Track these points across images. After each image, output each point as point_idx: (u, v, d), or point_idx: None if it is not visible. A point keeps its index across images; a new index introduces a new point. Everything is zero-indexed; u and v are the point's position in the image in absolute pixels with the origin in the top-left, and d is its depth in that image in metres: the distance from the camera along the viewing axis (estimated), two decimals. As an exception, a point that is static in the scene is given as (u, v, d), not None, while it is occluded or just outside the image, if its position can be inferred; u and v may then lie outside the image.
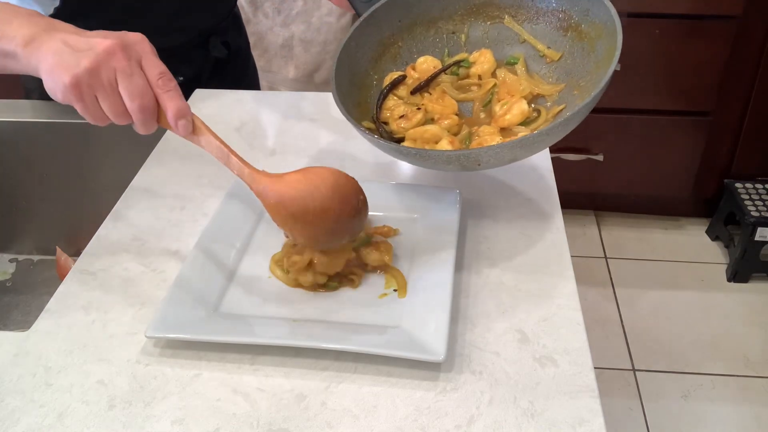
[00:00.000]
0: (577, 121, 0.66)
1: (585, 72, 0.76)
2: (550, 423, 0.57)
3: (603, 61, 0.73)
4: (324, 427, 0.57)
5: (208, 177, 0.90)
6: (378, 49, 0.84)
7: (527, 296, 0.70)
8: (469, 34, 0.85)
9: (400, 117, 0.78)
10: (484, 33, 0.84)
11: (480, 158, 0.67)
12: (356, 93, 0.81)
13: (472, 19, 0.84)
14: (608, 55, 0.71)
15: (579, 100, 0.74)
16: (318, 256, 0.69)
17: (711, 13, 1.82)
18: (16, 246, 1.09)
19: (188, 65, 1.11)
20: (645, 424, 1.63)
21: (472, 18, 0.84)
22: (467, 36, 0.85)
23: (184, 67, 1.10)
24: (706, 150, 2.04)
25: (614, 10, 0.71)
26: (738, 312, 1.92)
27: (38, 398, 0.60)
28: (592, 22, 0.75)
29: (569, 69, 0.78)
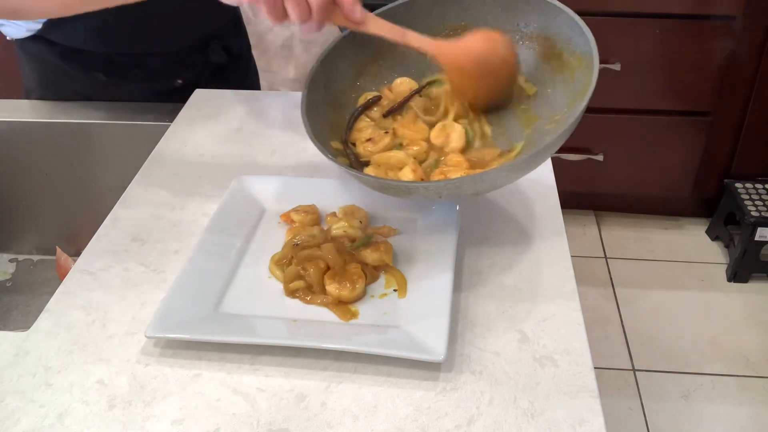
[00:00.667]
0: (545, 156, 0.66)
1: (561, 105, 0.74)
2: (550, 423, 0.57)
3: (578, 93, 0.71)
4: (324, 427, 0.57)
5: (208, 177, 0.90)
6: (357, 67, 0.81)
7: (527, 296, 0.70)
8: None
9: (367, 140, 0.75)
10: None
11: (440, 191, 0.66)
12: (331, 112, 0.78)
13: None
14: (583, 88, 0.70)
15: (549, 136, 0.71)
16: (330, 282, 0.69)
17: (711, 13, 1.82)
18: (16, 246, 1.09)
19: (187, 69, 1.10)
20: (645, 424, 1.63)
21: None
22: None
23: (183, 71, 1.10)
24: (706, 150, 2.04)
25: (593, 40, 0.71)
26: (738, 312, 1.92)
27: (38, 398, 0.60)
28: (574, 51, 0.74)
29: (549, 100, 0.76)
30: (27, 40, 1.01)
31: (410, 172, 0.71)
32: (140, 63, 1.06)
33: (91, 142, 1.03)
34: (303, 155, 0.94)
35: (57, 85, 1.07)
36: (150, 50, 1.05)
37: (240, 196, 0.81)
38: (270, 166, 0.92)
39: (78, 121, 1.02)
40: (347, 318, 0.66)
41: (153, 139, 0.97)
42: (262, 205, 0.82)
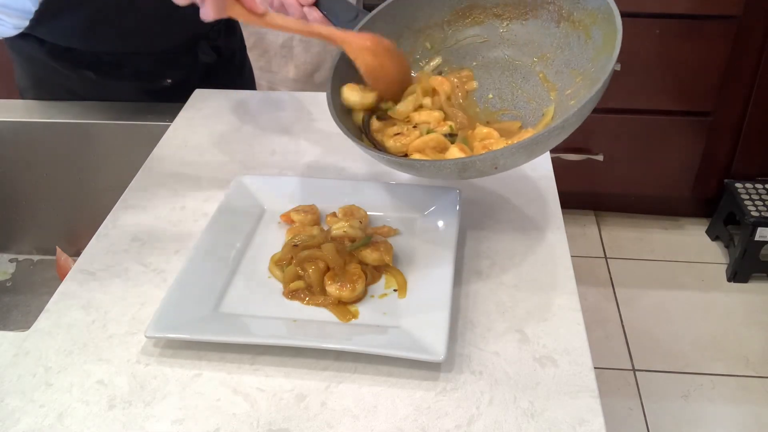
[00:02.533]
0: (589, 108, 0.64)
1: (585, 60, 0.74)
2: (550, 423, 0.57)
3: (603, 47, 0.70)
4: (324, 427, 0.57)
5: (208, 177, 0.90)
6: None
7: (527, 296, 0.70)
8: (455, 40, 0.82)
9: (395, 135, 0.74)
10: (470, 39, 0.82)
11: (497, 161, 0.65)
12: (347, 117, 0.78)
13: (459, 25, 0.82)
14: (608, 41, 0.69)
15: (584, 90, 0.72)
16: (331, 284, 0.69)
17: (711, 13, 1.82)
18: (16, 246, 1.09)
19: (177, 69, 1.10)
20: (645, 424, 1.63)
21: (459, 23, 0.82)
22: (456, 42, 0.82)
23: (172, 70, 1.09)
24: (706, 150, 2.04)
25: None
26: (738, 312, 1.92)
27: (38, 398, 0.60)
28: (584, 8, 0.73)
29: (568, 60, 0.76)
30: (16, 39, 1.00)
31: (458, 151, 0.70)
32: (129, 62, 1.05)
33: (91, 142, 1.03)
34: (303, 155, 0.94)
35: (49, 83, 1.07)
36: (138, 50, 1.05)
37: (240, 196, 0.81)
38: (270, 166, 0.92)
39: (78, 121, 1.02)
40: (347, 318, 0.66)
41: (153, 139, 0.97)
42: (262, 205, 0.82)
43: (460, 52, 0.82)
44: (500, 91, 0.80)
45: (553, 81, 0.78)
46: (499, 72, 0.81)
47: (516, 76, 0.80)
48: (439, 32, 0.82)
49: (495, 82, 0.80)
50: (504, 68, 0.81)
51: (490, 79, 0.81)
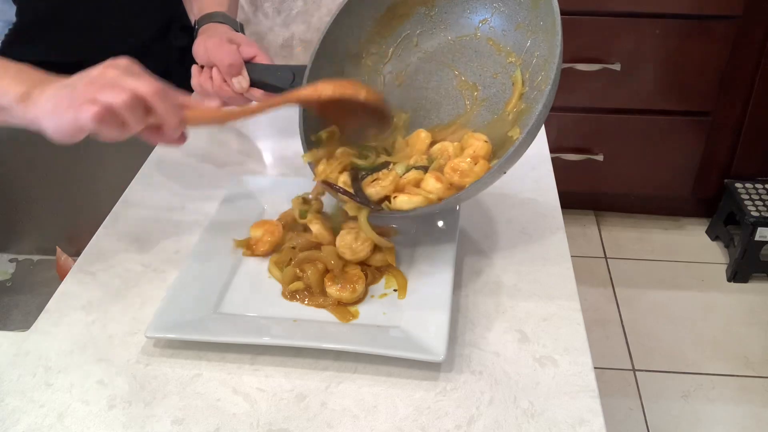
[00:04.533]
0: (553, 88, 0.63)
1: (525, 9, 0.72)
2: (550, 423, 0.57)
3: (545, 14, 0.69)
4: (324, 427, 0.57)
5: (208, 177, 0.90)
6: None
7: (527, 296, 0.70)
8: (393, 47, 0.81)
9: (372, 181, 0.71)
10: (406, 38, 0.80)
11: (469, 194, 0.66)
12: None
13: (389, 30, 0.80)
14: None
15: (543, 43, 0.71)
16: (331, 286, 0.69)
17: (711, 13, 1.82)
18: (16, 246, 1.09)
19: (151, 59, 1.09)
20: (645, 424, 1.63)
21: (388, 28, 0.80)
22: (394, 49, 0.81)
23: (147, 61, 1.09)
24: (706, 150, 2.03)
25: None
26: (738, 312, 1.92)
27: (38, 398, 0.60)
28: None
29: (509, 17, 0.74)
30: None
31: (434, 181, 0.68)
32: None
33: (91, 142, 1.03)
34: (303, 155, 0.94)
35: None
36: (113, 48, 1.04)
37: (240, 196, 0.81)
38: (270, 166, 0.92)
39: (78, 121, 1.02)
40: (347, 319, 0.66)
41: (153, 139, 0.97)
42: (262, 205, 0.82)
43: (403, 55, 0.81)
44: (461, 75, 0.78)
45: (503, 45, 0.75)
46: (450, 57, 0.79)
47: (469, 54, 0.78)
48: (374, 46, 0.81)
49: (451, 69, 0.78)
50: (453, 51, 0.79)
51: (445, 69, 0.79)
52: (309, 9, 2.04)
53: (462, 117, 0.77)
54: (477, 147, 0.71)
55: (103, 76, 0.62)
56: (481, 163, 0.69)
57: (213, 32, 0.87)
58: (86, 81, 0.62)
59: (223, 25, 0.90)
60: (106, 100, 0.60)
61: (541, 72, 0.71)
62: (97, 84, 0.61)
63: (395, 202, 0.68)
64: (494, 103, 0.75)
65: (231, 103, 0.84)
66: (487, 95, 0.76)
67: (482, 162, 0.69)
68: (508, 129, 0.72)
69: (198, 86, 0.85)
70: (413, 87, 0.80)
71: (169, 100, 0.63)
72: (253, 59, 0.83)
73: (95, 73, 0.62)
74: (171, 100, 0.64)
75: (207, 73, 0.83)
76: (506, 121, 0.73)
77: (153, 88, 0.62)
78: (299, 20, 2.05)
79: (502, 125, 0.73)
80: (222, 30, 0.88)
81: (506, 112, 0.74)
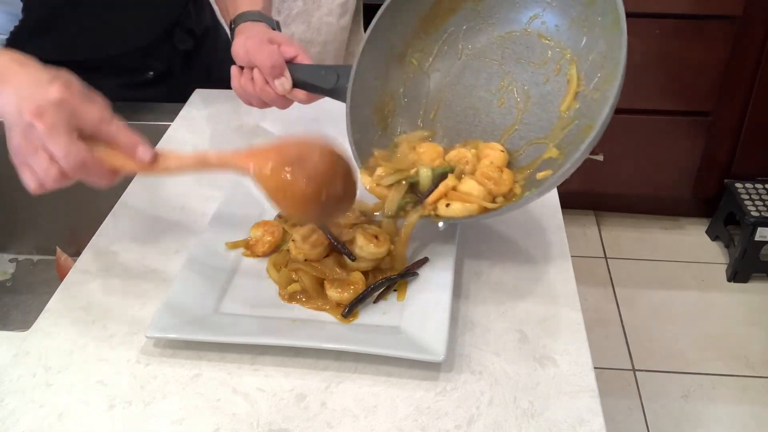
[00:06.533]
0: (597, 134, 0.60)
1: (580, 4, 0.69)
2: (550, 423, 0.57)
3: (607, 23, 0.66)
4: (324, 427, 0.57)
5: (208, 177, 0.90)
6: (375, 116, 0.78)
7: (527, 296, 0.70)
8: (438, 43, 0.79)
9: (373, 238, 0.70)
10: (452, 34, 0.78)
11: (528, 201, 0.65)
12: None
13: (434, 27, 0.78)
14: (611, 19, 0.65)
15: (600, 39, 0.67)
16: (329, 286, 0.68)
17: (711, 13, 1.82)
18: (16, 246, 1.09)
19: (156, 61, 1.09)
20: (645, 424, 1.63)
21: (432, 26, 0.78)
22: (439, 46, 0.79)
23: (151, 63, 1.09)
24: (706, 150, 2.03)
25: None
26: (738, 312, 1.92)
27: (38, 398, 0.60)
28: None
29: (562, 9, 0.71)
30: None
31: (475, 184, 0.67)
32: (108, 63, 1.05)
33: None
34: (303, 155, 0.94)
35: None
36: (117, 50, 1.04)
37: (240, 196, 0.81)
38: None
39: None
40: (347, 320, 0.66)
41: (153, 139, 0.96)
42: (262, 205, 0.82)
43: (449, 53, 0.79)
44: (511, 73, 0.75)
45: (557, 41, 0.72)
46: (500, 53, 0.76)
47: (519, 50, 0.74)
48: (419, 44, 0.79)
49: (500, 66, 0.76)
50: (503, 47, 0.75)
51: (494, 65, 0.76)
52: (309, 9, 2.04)
53: (511, 126, 0.74)
54: (494, 157, 0.70)
55: (32, 130, 0.58)
56: (506, 171, 0.69)
57: (252, 32, 0.84)
58: (20, 131, 0.59)
59: (259, 23, 0.87)
60: (38, 173, 0.60)
61: (599, 71, 0.67)
62: (28, 142, 0.59)
63: (450, 210, 0.66)
64: (549, 101, 0.72)
65: (273, 105, 0.82)
66: (540, 93, 0.73)
67: (507, 170, 0.69)
68: (565, 128, 0.69)
69: (240, 88, 0.82)
70: (461, 85, 0.78)
71: (93, 169, 0.60)
72: (294, 59, 0.81)
73: (26, 121, 0.58)
74: (95, 168, 0.60)
75: (248, 75, 0.81)
76: (563, 119, 0.70)
77: (75, 160, 0.58)
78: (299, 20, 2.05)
79: (560, 124, 0.70)
80: (260, 29, 0.85)
81: (561, 111, 0.70)
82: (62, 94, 0.59)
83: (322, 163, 0.62)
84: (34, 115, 0.58)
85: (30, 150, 0.59)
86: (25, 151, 0.59)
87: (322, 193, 0.62)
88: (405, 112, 0.79)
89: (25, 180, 0.61)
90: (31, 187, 0.62)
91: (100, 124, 0.61)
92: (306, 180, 0.61)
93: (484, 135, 0.75)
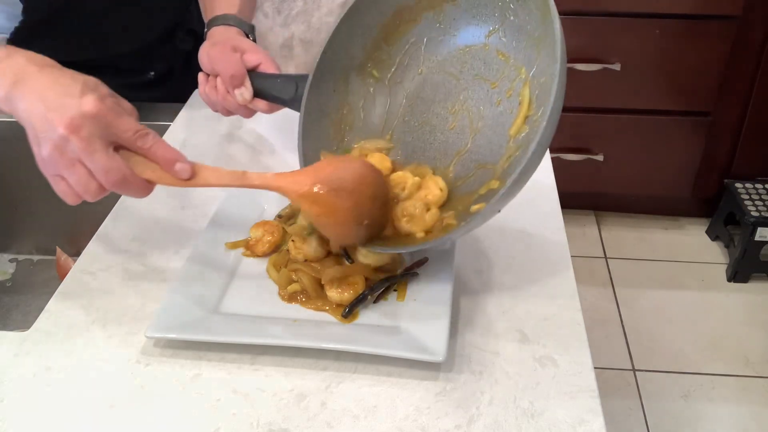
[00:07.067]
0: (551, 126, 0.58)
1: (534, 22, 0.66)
2: (550, 423, 0.57)
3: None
4: (324, 427, 0.57)
5: (208, 177, 0.90)
6: (332, 128, 0.77)
7: (527, 296, 0.70)
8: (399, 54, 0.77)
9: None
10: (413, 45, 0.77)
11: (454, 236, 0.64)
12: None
13: (396, 36, 0.76)
14: None
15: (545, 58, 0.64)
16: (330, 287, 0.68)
17: (711, 13, 1.82)
18: (16, 246, 1.09)
19: (157, 62, 1.09)
20: (645, 424, 1.63)
21: (394, 35, 0.76)
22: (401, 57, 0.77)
23: (152, 64, 1.09)
24: (706, 150, 2.04)
25: None
26: (738, 312, 1.92)
27: (38, 398, 0.60)
28: None
29: (519, 27, 0.68)
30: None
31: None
32: (110, 63, 1.05)
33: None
34: (303, 155, 0.94)
35: None
36: (119, 51, 1.04)
37: (240, 196, 0.81)
38: (270, 166, 0.92)
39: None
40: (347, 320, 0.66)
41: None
42: (262, 205, 0.82)
43: (410, 65, 0.77)
44: (468, 89, 0.73)
45: (514, 58, 0.69)
46: (459, 67, 0.74)
47: (477, 65, 0.72)
48: (380, 54, 0.77)
49: (458, 82, 0.74)
50: (462, 62, 0.74)
51: (452, 81, 0.74)
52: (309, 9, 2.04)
53: (464, 148, 0.72)
54: (432, 193, 0.68)
55: (67, 144, 0.57)
56: (432, 211, 0.67)
57: (218, 38, 0.84)
58: (52, 143, 0.57)
59: (231, 28, 0.86)
60: (76, 189, 0.60)
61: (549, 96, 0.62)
62: (62, 155, 0.58)
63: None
64: (500, 124, 0.69)
65: (236, 113, 0.83)
66: (493, 114, 0.70)
67: (434, 210, 0.67)
68: (510, 157, 0.66)
69: (204, 95, 0.83)
70: (420, 99, 0.77)
71: (133, 184, 0.60)
72: (257, 67, 0.80)
73: (60, 134, 0.56)
74: (135, 183, 0.60)
75: (212, 83, 0.81)
76: (510, 147, 0.67)
77: (115, 177, 0.58)
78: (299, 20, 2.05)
79: (507, 152, 0.68)
80: (228, 35, 0.84)
81: (510, 134, 0.67)
82: (97, 107, 0.58)
83: (362, 185, 0.63)
84: (69, 129, 0.56)
85: (65, 164, 0.58)
86: (60, 164, 0.58)
87: (363, 215, 0.63)
88: (364, 126, 0.78)
89: (60, 192, 0.61)
90: (68, 200, 0.61)
91: (136, 137, 0.60)
92: (347, 203, 0.61)
93: (437, 154, 0.73)
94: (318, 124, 0.76)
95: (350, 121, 0.78)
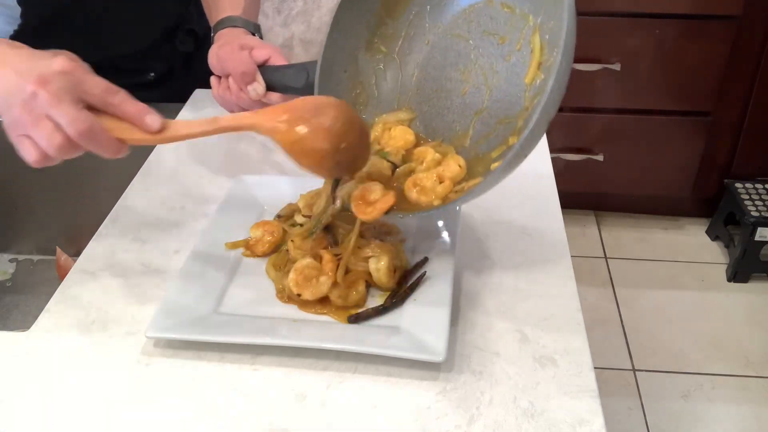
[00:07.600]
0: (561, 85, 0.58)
1: None
2: (550, 423, 0.57)
3: None
4: (324, 427, 0.57)
5: (208, 177, 0.90)
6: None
7: (527, 296, 0.70)
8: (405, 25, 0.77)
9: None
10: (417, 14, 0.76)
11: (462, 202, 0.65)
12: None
13: (398, 9, 0.76)
14: None
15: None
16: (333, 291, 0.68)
17: (711, 13, 1.82)
18: (16, 246, 1.09)
19: (157, 62, 1.09)
20: (645, 424, 1.63)
21: (396, 7, 0.76)
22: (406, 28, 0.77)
23: (152, 64, 1.09)
24: (706, 150, 2.04)
25: None
26: (738, 312, 1.92)
27: (38, 398, 0.60)
28: None
29: None
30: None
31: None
32: (110, 64, 1.05)
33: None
34: (303, 155, 0.93)
35: None
36: (119, 52, 1.04)
37: (240, 196, 0.81)
38: (270, 166, 0.92)
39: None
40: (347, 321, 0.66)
41: (153, 139, 0.97)
42: (262, 205, 0.82)
43: (416, 35, 0.77)
44: (477, 47, 0.73)
45: (519, 8, 0.69)
46: (466, 28, 0.74)
47: (484, 21, 0.72)
48: (385, 29, 0.77)
49: (467, 42, 0.74)
50: (468, 22, 0.74)
51: (462, 43, 0.74)
52: (309, 9, 2.04)
53: (482, 108, 0.72)
54: (449, 168, 0.69)
55: (34, 99, 0.56)
56: (445, 183, 0.67)
57: (225, 39, 0.84)
58: (21, 102, 0.57)
59: (236, 29, 0.87)
60: (40, 143, 0.58)
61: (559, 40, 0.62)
62: (30, 112, 0.57)
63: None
64: (515, 74, 0.70)
65: (252, 110, 0.83)
66: (506, 67, 0.70)
67: (447, 183, 0.67)
68: (528, 108, 0.66)
69: (219, 98, 0.83)
70: (431, 67, 0.77)
71: (100, 137, 0.59)
72: (267, 62, 0.81)
73: (29, 91, 0.56)
74: (102, 137, 0.59)
75: (225, 84, 0.82)
76: (528, 97, 0.67)
77: (82, 126, 0.57)
78: (299, 20, 2.05)
79: (527, 102, 0.68)
80: (234, 35, 0.85)
81: (526, 83, 0.68)
82: (67, 64, 0.58)
83: (336, 116, 0.62)
84: (37, 83, 0.56)
85: (31, 120, 0.57)
86: (27, 122, 0.57)
87: (340, 143, 0.62)
88: (378, 103, 0.79)
89: (24, 152, 0.59)
90: (32, 158, 0.60)
91: (106, 94, 0.59)
92: (323, 132, 0.61)
93: (456, 117, 0.74)
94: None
95: (364, 99, 0.78)
